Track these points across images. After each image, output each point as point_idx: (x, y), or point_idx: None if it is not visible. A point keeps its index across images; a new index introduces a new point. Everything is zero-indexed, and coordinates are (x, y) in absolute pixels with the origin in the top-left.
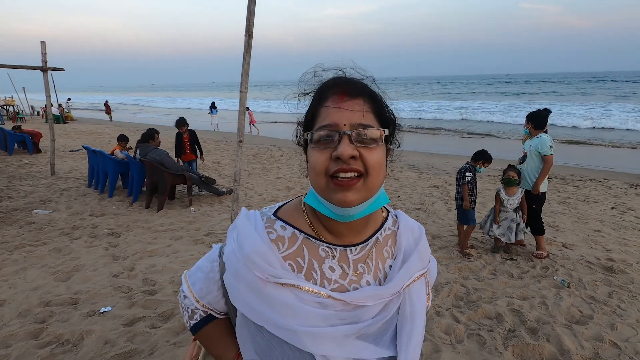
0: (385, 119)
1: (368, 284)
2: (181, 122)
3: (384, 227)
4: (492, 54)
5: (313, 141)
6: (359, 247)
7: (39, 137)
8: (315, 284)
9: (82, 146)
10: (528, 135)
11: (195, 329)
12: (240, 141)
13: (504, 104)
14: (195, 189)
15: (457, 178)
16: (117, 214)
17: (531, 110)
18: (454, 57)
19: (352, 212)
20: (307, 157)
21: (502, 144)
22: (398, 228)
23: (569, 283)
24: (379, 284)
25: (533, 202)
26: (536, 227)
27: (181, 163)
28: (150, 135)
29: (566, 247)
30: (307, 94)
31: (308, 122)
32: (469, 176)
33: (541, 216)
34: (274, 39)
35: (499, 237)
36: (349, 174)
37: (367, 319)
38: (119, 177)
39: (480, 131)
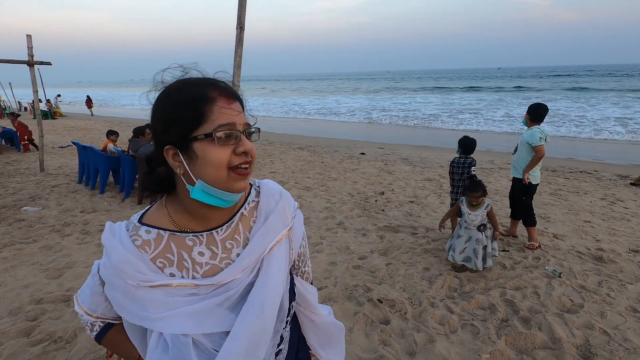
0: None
1: (238, 255)
2: None
3: (247, 202)
4: (484, 47)
5: (217, 139)
6: (224, 227)
7: (23, 133)
8: (188, 272)
9: (72, 142)
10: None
11: (99, 338)
12: None
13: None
14: None
15: (454, 172)
16: (109, 210)
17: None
18: (446, 50)
19: (238, 197)
20: (184, 158)
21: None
22: (259, 197)
23: (560, 273)
24: None
25: (522, 194)
26: (527, 218)
27: None
28: (141, 131)
29: (557, 238)
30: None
31: (190, 121)
32: (474, 170)
33: (533, 207)
34: (264, 33)
35: (463, 263)
36: (246, 165)
37: (236, 292)
38: (110, 173)
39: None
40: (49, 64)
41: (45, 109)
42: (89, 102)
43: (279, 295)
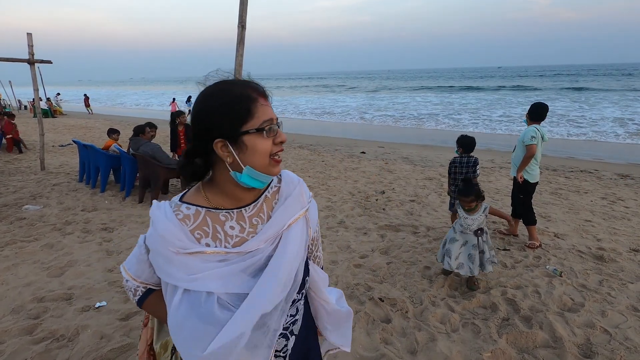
0: None
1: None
2: (177, 114)
3: (270, 186)
4: (484, 46)
5: (265, 132)
6: (251, 206)
7: (9, 131)
8: (220, 243)
9: (73, 140)
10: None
11: (140, 302)
12: None
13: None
14: None
15: (456, 172)
16: (110, 208)
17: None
18: (446, 49)
19: (271, 179)
20: (233, 149)
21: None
22: (281, 183)
23: (561, 272)
24: None
25: (520, 192)
26: (527, 217)
27: (176, 157)
28: (141, 129)
29: (558, 237)
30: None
31: (239, 118)
32: (479, 169)
33: (532, 207)
34: (264, 32)
35: (456, 270)
36: (281, 152)
37: (259, 260)
38: (111, 171)
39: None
40: (49, 62)
41: (46, 108)
42: (86, 100)
43: (294, 266)
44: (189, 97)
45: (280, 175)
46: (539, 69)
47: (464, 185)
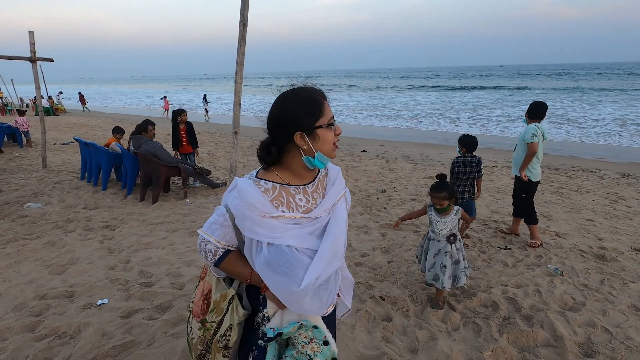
0: None
1: (320, 203)
2: (178, 112)
3: (321, 172)
4: (486, 45)
5: (333, 127)
6: (311, 184)
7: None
8: (293, 210)
9: (74, 138)
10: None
11: (219, 262)
12: (236, 132)
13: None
14: (190, 180)
15: (460, 172)
16: (111, 206)
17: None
18: (447, 48)
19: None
20: (309, 139)
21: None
22: (327, 170)
23: (562, 271)
24: None
25: (522, 191)
26: (529, 216)
27: (178, 156)
28: (144, 127)
29: (559, 236)
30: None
31: (314, 116)
32: (483, 168)
33: (534, 206)
34: (264, 29)
35: (432, 282)
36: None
37: (321, 225)
38: (112, 169)
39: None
40: (51, 60)
41: (47, 106)
42: (81, 98)
43: (344, 230)
44: (205, 96)
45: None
46: (541, 67)
47: (437, 182)
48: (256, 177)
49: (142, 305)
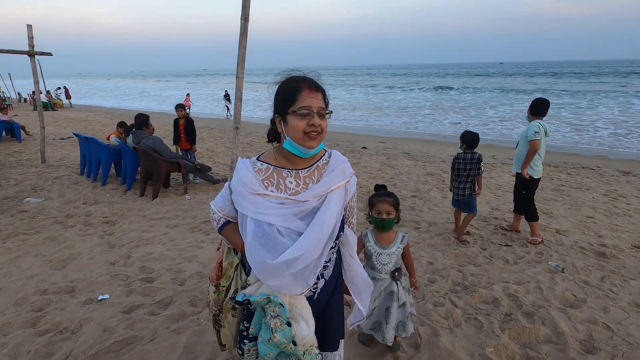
0: (327, 103)
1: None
2: (178, 107)
3: (322, 159)
4: (486, 41)
5: (299, 115)
6: (306, 169)
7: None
8: (281, 192)
9: (73, 133)
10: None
11: (220, 230)
12: (237, 128)
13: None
14: (190, 176)
15: (460, 168)
16: (111, 202)
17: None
18: (448, 44)
19: (311, 152)
20: (283, 123)
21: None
22: (330, 159)
23: (563, 268)
24: None
25: (523, 188)
26: (530, 213)
27: (179, 151)
28: (144, 122)
29: (560, 233)
30: (286, 86)
31: (287, 102)
32: (483, 165)
33: (535, 203)
34: (265, 25)
35: (370, 332)
36: (315, 132)
37: (307, 209)
38: (112, 165)
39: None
40: (49, 54)
41: (45, 101)
42: (66, 92)
43: (333, 221)
44: (227, 93)
45: (331, 153)
46: (541, 64)
47: (382, 188)
48: (257, 159)
49: (144, 301)
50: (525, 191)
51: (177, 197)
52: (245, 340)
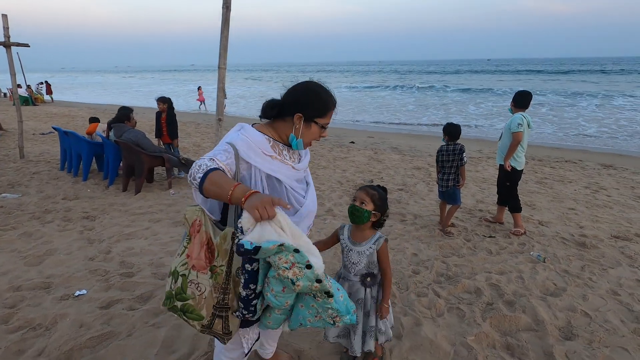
0: None
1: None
2: (159, 100)
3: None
4: (474, 38)
5: (320, 126)
6: (291, 148)
7: None
8: (285, 160)
9: (53, 127)
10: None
11: (207, 174)
12: (220, 119)
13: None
14: (174, 171)
15: (444, 160)
16: (92, 197)
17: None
18: (437, 41)
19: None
20: (302, 124)
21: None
22: None
23: (545, 258)
24: None
25: (506, 180)
26: (513, 205)
27: (161, 145)
28: (126, 115)
29: (542, 225)
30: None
31: (318, 113)
32: (466, 156)
33: (518, 195)
34: (252, 20)
35: (336, 341)
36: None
37: (301, 177)
38: (94, 159)
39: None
40: (26, 45)
41: (26, 95)
42: (48, 87)
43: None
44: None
45: None
46: (528, 61)
47: (367, 185)
48: (253, 127)
49: (123, 296)
50: (509, 182)
51: (161, 192)
52: (253, 301)
